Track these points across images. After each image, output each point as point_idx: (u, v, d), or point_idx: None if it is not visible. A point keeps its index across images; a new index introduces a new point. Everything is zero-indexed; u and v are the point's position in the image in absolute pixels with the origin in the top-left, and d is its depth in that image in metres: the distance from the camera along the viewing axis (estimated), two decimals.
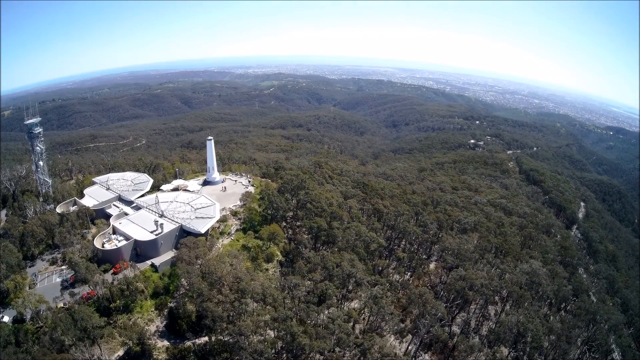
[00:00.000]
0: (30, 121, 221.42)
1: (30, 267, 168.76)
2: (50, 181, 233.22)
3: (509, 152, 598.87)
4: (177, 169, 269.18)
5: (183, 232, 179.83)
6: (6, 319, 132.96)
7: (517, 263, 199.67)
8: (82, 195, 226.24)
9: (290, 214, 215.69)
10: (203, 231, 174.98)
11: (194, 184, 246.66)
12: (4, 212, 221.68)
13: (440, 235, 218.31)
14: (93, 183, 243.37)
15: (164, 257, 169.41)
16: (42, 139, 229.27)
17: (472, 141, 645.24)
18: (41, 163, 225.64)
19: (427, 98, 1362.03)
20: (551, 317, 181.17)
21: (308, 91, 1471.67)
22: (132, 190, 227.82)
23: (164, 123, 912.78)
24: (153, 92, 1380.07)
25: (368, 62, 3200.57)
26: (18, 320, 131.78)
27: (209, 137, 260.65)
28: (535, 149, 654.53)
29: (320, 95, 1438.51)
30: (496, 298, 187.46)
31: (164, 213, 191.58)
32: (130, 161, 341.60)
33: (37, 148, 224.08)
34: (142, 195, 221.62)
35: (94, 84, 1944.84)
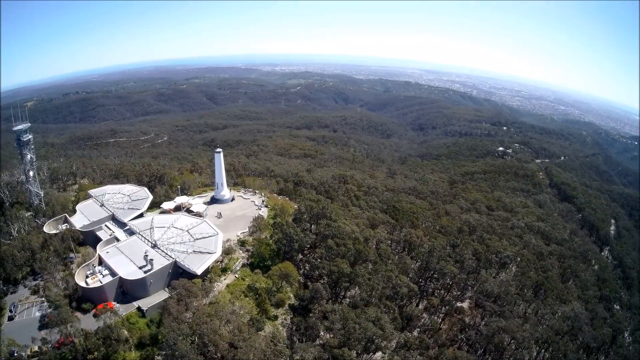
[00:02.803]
0: (19, 127, 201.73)
1: (12, 293, 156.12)
2: (42, 193, 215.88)
3: (537, 161, 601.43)
4: (180, 185, 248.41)
5: (177, 269, 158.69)
6: None
7: (557, 303, 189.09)
8: (75, 211, 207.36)
9: (308, 245, 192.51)
10: (199, 272, 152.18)
11: (199, 202, 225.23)
12: None
13: (478, 272, 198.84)
14: (88, 196, 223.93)
15: (154, 299, 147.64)
16: (33, 146, 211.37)
17: (501, 148, 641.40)
18: (32, 173, 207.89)
19: (454, 101, 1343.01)
20: None
21: (335, 91, 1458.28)
22: (128, 208, 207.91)
23: (188, 119, 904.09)
24: (179, 87, 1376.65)
25: (395, 63, 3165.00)
26: None
27: (218, 150, 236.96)
28: (562, 158, 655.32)
29: (347, 95, 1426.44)
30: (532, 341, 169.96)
31: (157, 243, 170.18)
32: (137, 167, 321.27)
33: (28, 157, 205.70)
34: (138, 216, 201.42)
35: (119, 78, 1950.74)
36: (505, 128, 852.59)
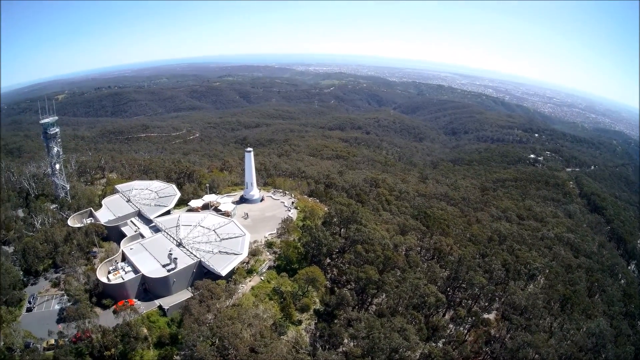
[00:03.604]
0: (46, 120, 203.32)
1: (32, 284, 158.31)
2: (68, 186, 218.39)
3: (567, 169, 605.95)
4: (209, 183, 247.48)
5: (202, 269, 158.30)
6: None
7: (583, 318, 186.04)
8: (101, 206, 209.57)
9: (337, 249, 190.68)
10: (224, 274, 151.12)
11: (227, 201, 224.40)
12: (20, 210, 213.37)
13: (507, 283, 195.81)
14: (115, 191, 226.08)
15: (176, 299, 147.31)
16: (60, 139, 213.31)
17: (532, 156, 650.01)
18: (58, 166, 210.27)
19: (487, 107, 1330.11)
20: None
21: (368, 92, 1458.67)
22: (155, 205, 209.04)
23: (220, 117, 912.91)
24: (211, 84, 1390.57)
25: (429, 66, 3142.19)
26: (9, 347, 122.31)
27: (248, 149, 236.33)
28: (592, 167, 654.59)
29: (380, 97, 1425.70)
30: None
31: (183, 242, 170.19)
32: (166, 164, 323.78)
33: (54, 149, 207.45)
34: (165, 213, 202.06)
35: (152, 73, 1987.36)
36: (537, 135, 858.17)
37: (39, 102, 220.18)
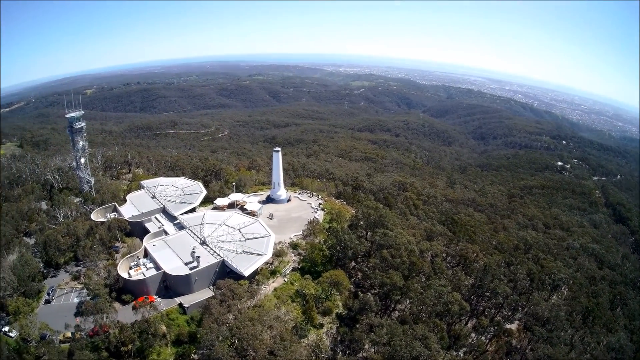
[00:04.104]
0: (72, 114, 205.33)
1: (52, 276, 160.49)
2: (92, 180, 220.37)
3: (594, 178, 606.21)
4: (236, 181, 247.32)
5: (225, 268, 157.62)
6: (14, 333, 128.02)
7: (604, 332, 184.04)
8: (125, 201, 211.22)
9: (362, 253, 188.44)
10: (247, 274, 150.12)
11: (254, 200, 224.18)
12: (44, 203, 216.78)
13: (530, 293, 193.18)
14: (140, 187, 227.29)
15: (197, 297, 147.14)
16: (85, 134, 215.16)
17: (560, 163, 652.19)
18: (83, 160, 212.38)
19: (516, 112, 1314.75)
20: None
21: (398, 95, 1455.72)
22: (180, 202, 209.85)
23: (250, 115, 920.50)
24: (242, 83, 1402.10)
25: (458, 69, 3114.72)
26: (24, 338, 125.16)
27: (276, 148, 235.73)
28: (619, 177, 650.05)
29: (410, 100, 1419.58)
30: None
31: (207, 240, 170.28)
32: (194, 161, 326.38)
33: (80, 144, 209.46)
34: (190, 211, 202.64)
35: (182, 70, 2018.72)
36: (564, 142, 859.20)
37: (65, 96, 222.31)
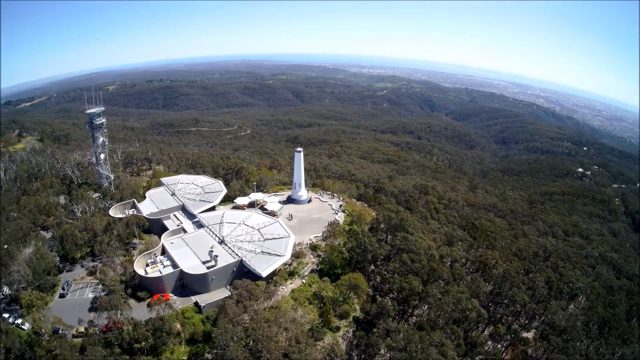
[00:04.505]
0: (92, 111, 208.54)
1: (68, 271, 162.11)
2: (112, 176, 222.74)
3: (614, 185, 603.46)
4: (257, 181, 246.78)
5: (243, 268, 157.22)
6: (26, 326, 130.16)
7: (618, 343, 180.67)
8: (144, 197, 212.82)
9: (382, 257, 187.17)
10: (264, 275, 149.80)
11: (274, 200, 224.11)
12: (62, 197, 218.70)
13: (548, 301, 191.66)
14: (160, 184, 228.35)
15: (213, 296, 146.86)
16: (106, 130, 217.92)
17: (580, 170, 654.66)
18: (103, 156, 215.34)
19: (538, 117, 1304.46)
20: None
21: (421, 97, 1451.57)
22: (199, 200, 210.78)
23: (272, 115, 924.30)
24: (265, 82, 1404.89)
25: (481, 73, 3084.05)
26: (36, 332, 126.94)
27: (298, 149, 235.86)
28: (638, 185, 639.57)
29: (433, 103, 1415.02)
30: None
31: (225, 239, 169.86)
32: (215, 159, 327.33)
33: (100, 139, 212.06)
34: (209, 209, 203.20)
35: (205, 68, 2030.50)
36: (585, 148, 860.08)
37: (85, 92, 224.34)
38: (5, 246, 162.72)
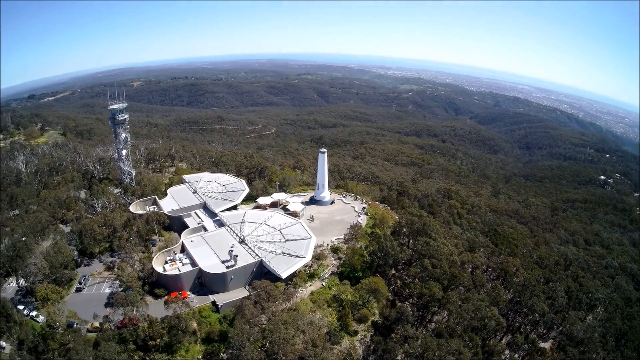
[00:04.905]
0: (114, 106, 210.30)
1: (85, 265, 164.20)
2: (134, 172, 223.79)
3: (635, 194, 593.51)
4: (280, 181, 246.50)
5: (262, 268, 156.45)
6: (41, 318, 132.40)
7: (634, 356, 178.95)
8: (166, 194, 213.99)
9: (403, 261, 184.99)
10: (284, 276, 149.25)
11: (297, 201, 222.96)
12: (83, 192, 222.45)
13: (567, 311, 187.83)
14: (182, 181, 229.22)
15: (231, 296, 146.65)
16: (128, 126, 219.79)
17: (602, 177, 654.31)
18: (125, 151, 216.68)
19: (561, 122, 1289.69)
20: None
21: (446, 100, 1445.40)
22: (221, 199, 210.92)
23: (297, 114, 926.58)
24: (290, 81, 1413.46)
25: (506, 77, 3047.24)
26: (50, 325, 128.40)
27: (322, 150, 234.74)
28: None
29: (457, 106, 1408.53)
30: None
31: (246, 239, 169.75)
32: (238, 158, 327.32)
33: (122, 135, 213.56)
34: (231, 208, 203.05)
35: (230, 67, 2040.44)
36: (607, 156, 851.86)
37: (109, 87, 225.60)
38: (23, 238, 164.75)
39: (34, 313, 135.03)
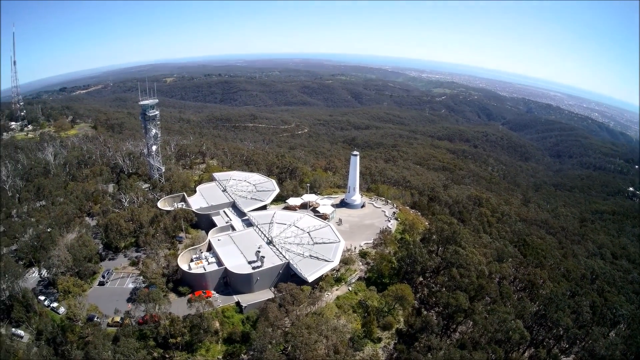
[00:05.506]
0: (145, 102, 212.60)
1: (110, 259, 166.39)
2: (163, 168, 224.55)
3: None
4: (310, 182, 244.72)
5: (289, 271, 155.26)
6: (62, 309, 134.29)
7: None
8: (195, 192, 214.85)
9: (432, 269, 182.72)
10: (310, 280, 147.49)
11: (327, 203, 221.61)
12: (111, 186, 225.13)
13: (590, 326, 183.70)
14: (212, 179, 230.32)
15: (256, 297, 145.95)
16: (158, 122, 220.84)
17: (631, 189, 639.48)
18: (154, 147, 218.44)
19: (592, 131, 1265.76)
20: None
21: (479, 105, 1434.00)
22: (251, 198, 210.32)
23: (331, 115, 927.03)
24: (324, 81, 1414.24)
25: (538, 83, 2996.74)
26: (69, 317, 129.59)
27: (355, 152, 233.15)
28: None
29: (490, 111, 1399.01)
30: None
31: (274, 240, 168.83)
32: (270, 157, 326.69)
33: (152, 131, 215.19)
34: (260, 208, 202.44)
35: (264, 65, 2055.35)
36: (637, 167, 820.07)
37: (140, 83, 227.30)
38: (49, 229, 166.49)
39: (54, 304, 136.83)
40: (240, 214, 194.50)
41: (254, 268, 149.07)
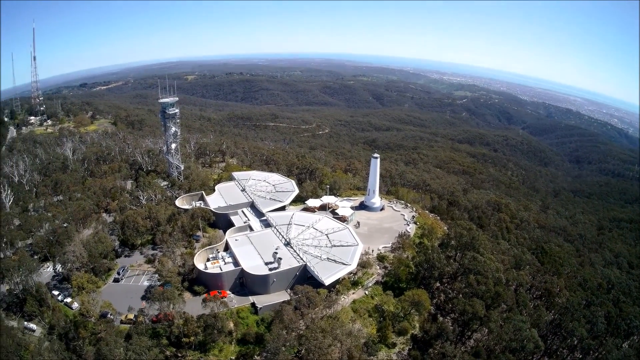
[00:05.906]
0: (165, 100, 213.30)
1: (126, 256, 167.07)
2: (182, 166, 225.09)
3: None
4: (330, 183, 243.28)
5: (306, 273, 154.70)
6: (75, 305, 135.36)
7: None
8: (214, 190, 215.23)
9: (449, 275, 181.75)
10: (327, 283, 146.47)
11: (346, 205, 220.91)
12: (129, 183, 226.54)
13: (605, 337, 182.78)
14: (231, 178, 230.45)
15: (271, 298, 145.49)
16: (178, 120, 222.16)
17: None
18: (174, 145, 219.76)
19: (611, 137, 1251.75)
20: None
21: (499, 108, 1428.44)
22: (270, 199, 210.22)
23: (352, 116, 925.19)
24: (345, 82, 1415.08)
25: (558, 87, 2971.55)
26: (82, 313, 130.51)
27: (375, 155, 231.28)
28: None
29: (510, 115, 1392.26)
30: None
31: (291, 242, 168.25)
32: (290, 157, 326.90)
33: (172, 129, 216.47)
34: (279, 209, 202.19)
35: (286, 65, 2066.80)
36: None
37: (159, 80, 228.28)
38: (65, 225, 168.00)
39: (68, 300, 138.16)
40: (259, 214, 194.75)
41: (270, 269, 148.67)
